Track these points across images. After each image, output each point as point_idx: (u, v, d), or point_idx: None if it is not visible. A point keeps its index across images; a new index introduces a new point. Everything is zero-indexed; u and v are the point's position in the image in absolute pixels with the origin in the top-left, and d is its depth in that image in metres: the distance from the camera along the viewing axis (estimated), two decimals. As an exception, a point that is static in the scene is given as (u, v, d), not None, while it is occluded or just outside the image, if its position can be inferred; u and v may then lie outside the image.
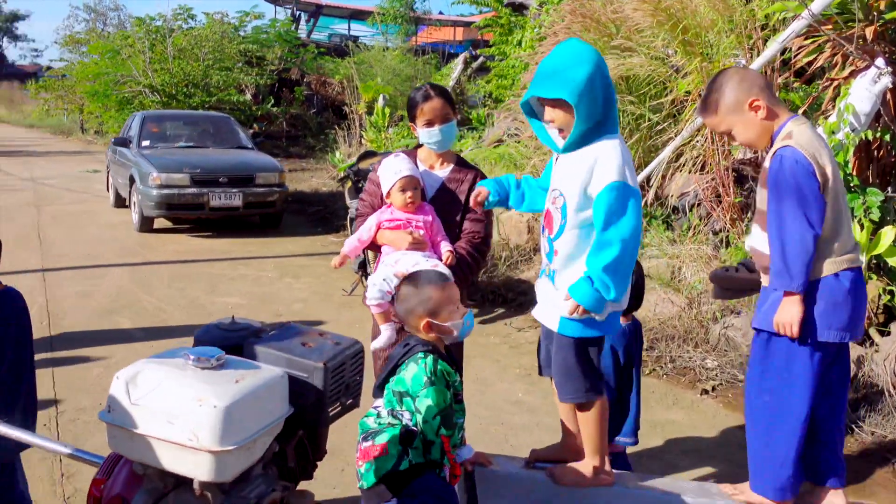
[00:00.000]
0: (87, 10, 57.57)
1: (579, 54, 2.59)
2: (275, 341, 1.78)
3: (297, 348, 1.76)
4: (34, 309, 6.20)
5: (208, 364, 1.58)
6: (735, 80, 2.64)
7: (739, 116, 2.64)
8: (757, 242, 2.75)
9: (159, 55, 19.67)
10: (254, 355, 1.75)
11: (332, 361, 1.74)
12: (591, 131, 2.59)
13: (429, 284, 2.39)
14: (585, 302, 2.52)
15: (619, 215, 2.53)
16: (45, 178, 15.52)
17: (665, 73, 6.11)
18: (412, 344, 2.35)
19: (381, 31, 28.07)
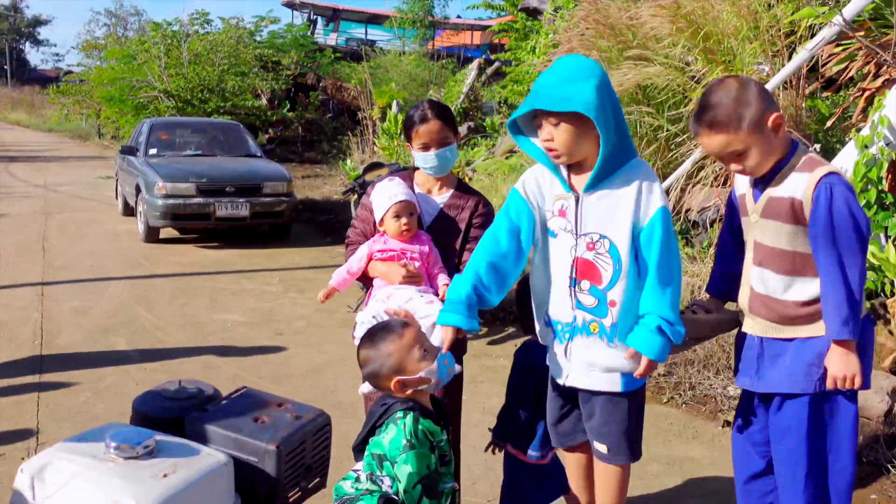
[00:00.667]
0: (108, 14, 58.11)
1: (581, 67, 2.32)
2: (222, 416, 1.52)
3: (248, 425, 1.50)
4: (27, 326, 6.03)
5: (132, 453, 1.32)
6: (755, 91, 2.32)
7: (760, 135, 2.30)
8: (772, 288, 2.41)
9: (175, 60, 19.57)
10: (196, 434, 1.49)
11: (287, 442, 1.47)
12: (616, 156, 2.31)
13: (383, 340, 2.10)
14: (661, 354, 2.28)
15: (672, 244, 2.32)
16: (57, 184, 15.43)
17: (684, 83, 5.80)
18: (389, 402, 2.09)
19: (397, 36, 27.88)
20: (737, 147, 2.32)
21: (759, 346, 2.46)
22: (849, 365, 2.27)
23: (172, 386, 1.63)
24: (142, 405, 1.57)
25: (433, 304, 2.74)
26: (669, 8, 5.40)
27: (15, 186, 15.08)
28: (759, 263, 2.41)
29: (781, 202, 2.33)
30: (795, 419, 2.40)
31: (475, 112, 12.90)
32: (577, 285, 2.40)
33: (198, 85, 19.42)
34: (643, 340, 2.29)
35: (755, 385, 2.46)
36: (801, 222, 2.31)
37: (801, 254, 2.33)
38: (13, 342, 5.67)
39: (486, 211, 2.98)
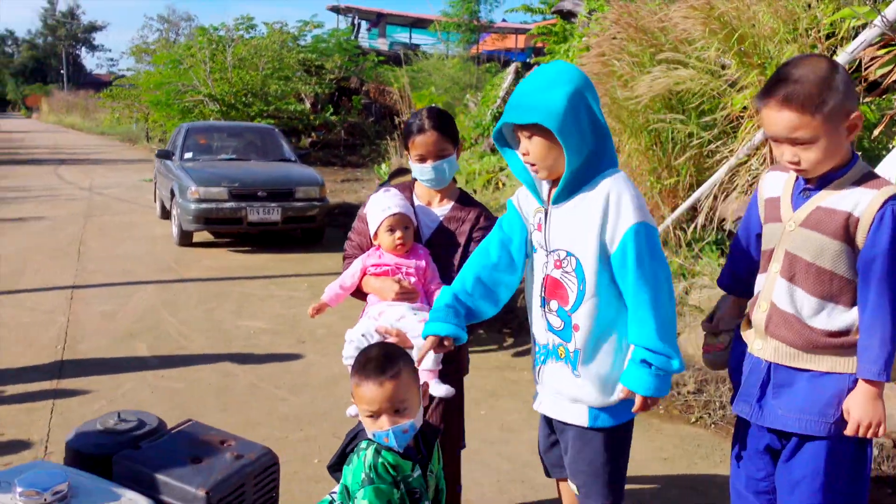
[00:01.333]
0: (161, 20, 59.39)
1: (558, 74, 2.14)
2: (155, 455, 1.40)
3: (181, 467, 1.38)
4: (52, 330, 6.05)
5: (40, 500, 1.21)
6: (844, 80, 2.01)
7: (834, 131, 2.00)
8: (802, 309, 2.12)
9: (220, 65, 19.81)
10: (124, 474, 1.38)
11: (220, 487, 1.35)
12: (587, 168, 2.13)
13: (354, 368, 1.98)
14: (652, 390, 2.08)
15: (653, 263, 2.08)
16: (102, 187, 15.70)
17: (718, 87, 5.56)
18: (358, 429, 1.96)
19: (441, 40, 27.85)
20: (804, 134, 2.00)
21: (765, 372, 2.20)
22: (875, 410, 2.03)
23: (112, 418, 1.52)
24: (74, 441, 1.46)
25: (426, 322, 2.60)
26: (702, 9, 5.17)
27: (61, 189, 15.38)
28: (791, 279, 2.13)
29: (833, 215, 2.05)
30: (810, 468, 2.15)
31: (513, 116, 12.70)
32: (545, 305, 2.27)
33: (242, 89, 19.62)
34: (630, 375, 2.11)
35: (756, 416, 2.22)
36: (852, 242, 2.03)
37: (841, 277, 2.07)
38: (35, 346, 5.69)
39: (487, 224, 2.83)
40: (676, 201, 6.34)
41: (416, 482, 1.92)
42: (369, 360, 1.95)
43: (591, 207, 2.13)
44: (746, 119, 5.56)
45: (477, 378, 5.42)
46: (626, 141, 6.43)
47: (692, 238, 6.13)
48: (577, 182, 2.14)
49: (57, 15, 74.77)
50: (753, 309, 2.25)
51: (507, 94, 12.86)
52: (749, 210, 2.39)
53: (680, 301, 5.89)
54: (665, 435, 4.56)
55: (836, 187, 2.07)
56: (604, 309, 2.16)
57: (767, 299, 2.19)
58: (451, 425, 2.91)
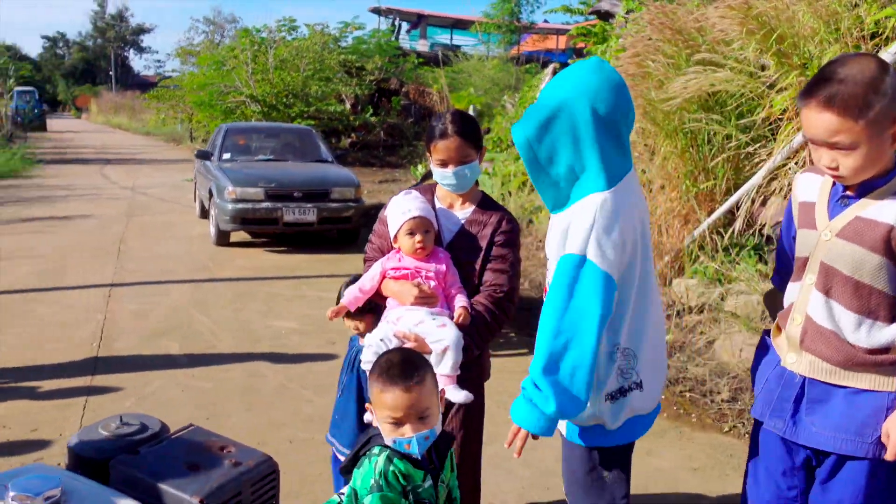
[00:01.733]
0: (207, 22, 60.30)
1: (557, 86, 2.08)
2: (152, 461, 1.39)
3: (178, 473, 1.36)
4: (89, 328, 6.15)
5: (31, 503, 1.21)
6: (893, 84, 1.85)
7: (877, 137, 1.86)
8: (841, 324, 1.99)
9: (262, 66, 20.03)
10: (121, 479, 1.37)
11: (216, 494, 1.33)
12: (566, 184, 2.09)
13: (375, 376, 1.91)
14: (521, 420, 2.01)
15: (566, 298, 1.99)
16: (144, 186, 15.96)
17: (756, 89, 5.42)
18: (373, 433, 1.93)
19: (481, 41, 27.80)
20: (845, 139, 1.86)
21: (799, 387, 2.08)
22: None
23: (114, 422, 1.51)
24: (76, 444, 1.46)
25: (445, 328, 2.56)
26: (739, 9, 5.04)
27: (106, 188, 15.69)
28: (827, 292, 2.00)
29: (873, 227, 1.92)
30: (849, 491, 2.02)
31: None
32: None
33: (283, 90, 19.81)
34: (514, 404, 2.06)
35: (790, 433, 2.10)
36: (894, 257, 1.91)
37: (880, 292, 1.94)
38: (72, 344, 5.78)
39: (509, 228, 2.78)
40: (713, 205, 6.21)
41: (426, 493, 1.87)
42: (392, 366, 1.90)
43: (559, 226, 2.12)
44: (786, 121, 5.42)
45: (505, 381, 5.36)
46: (662, 143, 6.32)
47: (729, 243, 6.00)
48: (559, 201, 2.12)
49: (107, 17, 76.45)
50: (787, 320, 2.12)
51: (545, 95, 12.77)
52: (786, 213, 2.27)
53: (716, 307, 5.78)
54: (696, 444, 4.46)
55: (878, 197, 1.93)
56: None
57: (802, 312, 2.06)
58: (472, 431, 2.87)
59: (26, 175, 17.56)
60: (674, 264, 6.40)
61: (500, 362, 5.78)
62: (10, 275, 7.81)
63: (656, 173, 6.51)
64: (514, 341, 6.29)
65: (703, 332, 5.63)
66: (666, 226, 6.50)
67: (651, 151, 6.58)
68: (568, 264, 2.00)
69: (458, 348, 2.54)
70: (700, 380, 5.20)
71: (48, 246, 9.32)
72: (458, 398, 2.57)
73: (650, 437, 4.55)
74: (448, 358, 2.54)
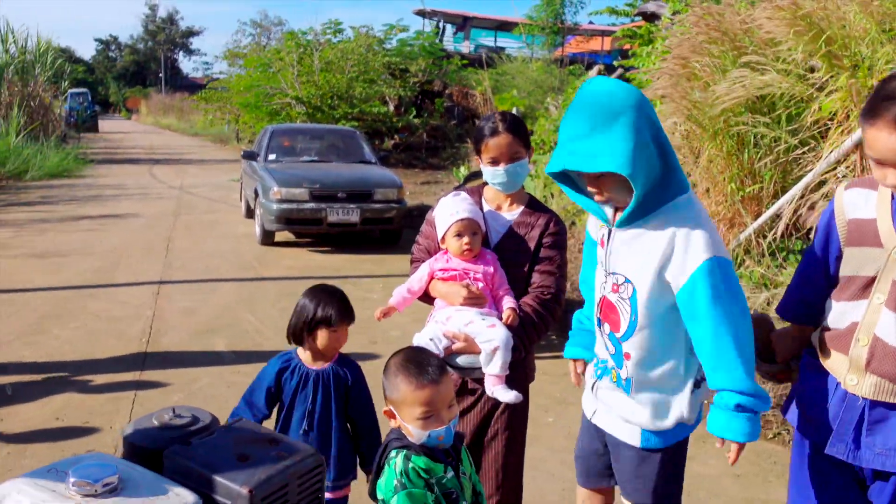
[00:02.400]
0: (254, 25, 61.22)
1: (611, 103, 1.97)
2: (203, 452, 1.44)
3: (227, 463, 1.41)
4: (139, 323, 6.31)
5: (90, 490, 1.26)
6: None
7: None
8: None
9: (307, 68, 20.27)
10: (174, 469, 1.42)
11: (264, 485, 1.37)
12: (654, 193, 2.01)
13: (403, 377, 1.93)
14: (750, 433, 1.99)
15: (730, 303, 1.96)
16: (191, 186, 16.28)
17: (805, 91, 5.34)
18: (387, 441, 1.96)
19: (525, 43, 27.74)
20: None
21: (861, 409, 2.01)
22: None
23: (167, 414, 1.57)
24: (130, 435, 1.52)
25: (495, 328, 2.58)
26: (788, 9, 4.97)
27: (154, 188, 16.04)
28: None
29: None
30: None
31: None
32: (601, 325, 2.25)
33: (328, 92, 20.02)
34: (725, 425, 1.99)
35: (852, 456, 2.04)
36: None
37: None
38: (122, 339, 5.94)
39: (556, 230, 2.78)
40: (759, 209, 6.13)
41: (451, 483, 1.91)
42: (421, 364, 1.95)
43: (657, 239, 2.03)
44: (835, 124, 5.33)
45: (547, 384, 5.37)
46: (707, 146, 6.26)
47: (775, 247, 5.92)
48: (644, 210, 2.04)
49: (157, 21, 78.10)
50: (851, 343, 2.03)
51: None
52: (825, 230, 2.18)
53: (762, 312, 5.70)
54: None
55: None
56: (658, 340, 2.10)
57: (869, 333, 1.97)
58: (516, 432, 2.87)
59: (79, 174, 18.03)
60: (719, 268, 6.33)
61: (541, 364, 5.75)
62: (69, 271, 8.05)
63: (701, 176, 6.45)
64: (556, 344, 6.28)
65: (749, 338, 5.56)
66: (711, 229, 6.43)
67: (696, 154, 6.51)
68: (714, 271, 1.96)
69: (508, 348, 2.56)
70: (744, 385, 5.14)
71: (101, 244, 9.58)
72: (507, 398, 2.59)
73: (693, 442, 4.51)
74: (498, 358, 2.57)
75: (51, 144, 19.44)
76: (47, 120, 22.85)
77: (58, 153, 18.82)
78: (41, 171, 16.83)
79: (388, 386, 1.96)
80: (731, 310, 1.96)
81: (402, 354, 2.02)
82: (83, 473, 1.29)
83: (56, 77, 25.14)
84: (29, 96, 21.66)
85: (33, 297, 7.04)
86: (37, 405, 4.66)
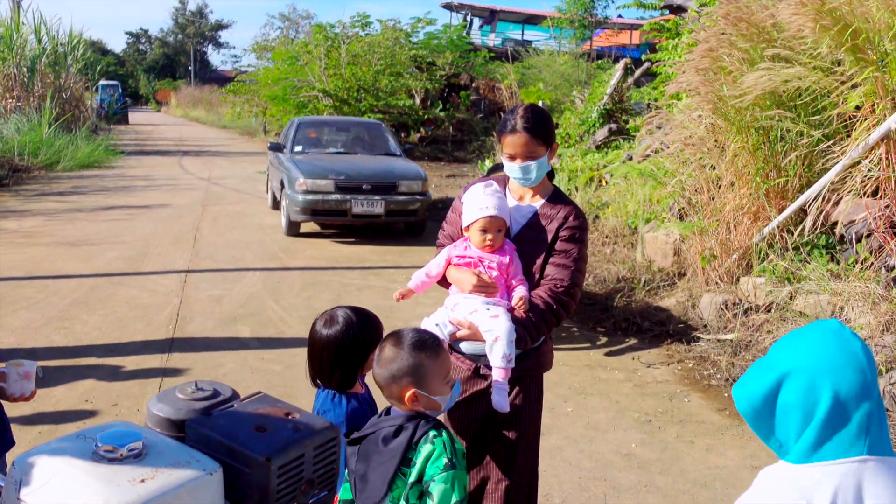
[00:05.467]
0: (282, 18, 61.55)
1: (789, 348, 1.64)
2: (223, 422, 1.50)
3: (246, 434, 1.47)
4: (166, 311, 6.43)
5: (115, 455, 1.32)
6: None
7: None
8: None
9: (334, 61, 20.37)
10: (196, 438, 1.48)
11: (280, 455, 1.43)
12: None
13: (420, 350, 1.99)
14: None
15: None
16: (219, 177, 16.46)
17: (830, 85, 5.30)
18: (406, 424, 1.95)
19: (553, 36, 27.63)
20: None
21: None
22: None
23: (190, 387, 1.63)
24: (154, 405, 1.58)
25: (498, 318, 2.58)
26: (812, 4, 4.93)
27: (183, 179, 16.24)
28: None
29: None
30: None
31: (619, 114, 12.52)
32: None
33: (354, 84, 20.10)
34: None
35: None
36: None
37: None
38: (151, 325, 6.06)
39: (576, 223, 2.77)
40: (784, 203, 6.10)
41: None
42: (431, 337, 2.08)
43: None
44: (861, 118, 5.29)
45: (567, 375, 5.40)
46: (732, 140, 6.23)
47: (800, 241, 5.89)
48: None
49: (187, 14, 78.80)
50: None
51: (615, 91, 12.65)
52: None
53: (784, 306, 5.68)
54: (758, 442, 4.41)
55: None
56: None
57: None
58: (529, 418, 2.88)
59: (109, 165, 18.30)
60: (741, 262, 6.31)
61: (561, 356, 5.80)
62: (100, 259, 8.21)
63: (726, 169, 6.42)
64: (577, 336, 6.31)
65: (770, 331, 5.54)
66: (735, 223, 6.40)
67: (721, 148, 6.49)
68: None
69: (510, 340, 2.55)
70: (765, 379, 5.13)
71: (131, 233, 9.74)
72: (497, 402, 2.57)
73: (711, 433, 4.54)
74: (498, 349, 2.55)
75: (82, 136, 19.72)
76: (78, 111, 23.18)
77: (88, 144, 19.10)
78: (72, 162, 17.10)
79: (409, 367, 1.97)
80: None
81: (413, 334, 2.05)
82: (109, 439, 1.35)
83: (87, 69, 25.47)
84: (61, 88, 21.98)
85: (64, 283, 7.19)
86: (66, 388, 4.79)
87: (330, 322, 2.42)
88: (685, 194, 7.12)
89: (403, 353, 1.99)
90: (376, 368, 2.04)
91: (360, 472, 1.97)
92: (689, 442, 4.41)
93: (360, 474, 1.97)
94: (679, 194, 7.21)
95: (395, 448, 1.91)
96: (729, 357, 5.50)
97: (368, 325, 2.42)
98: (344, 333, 2.37)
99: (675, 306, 6.57)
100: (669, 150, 7.09)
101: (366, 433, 2.01)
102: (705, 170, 6.77)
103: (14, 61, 20.40)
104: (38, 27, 21.96)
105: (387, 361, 2.00)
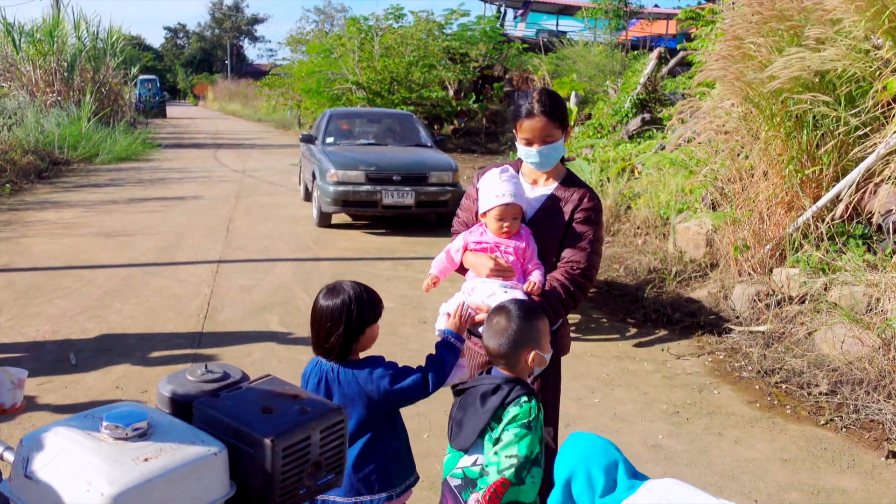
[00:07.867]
0: (317, 11, 61.88)
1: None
2: (231, 404, 1.51)
3: (253, 415, 1.47)
4: (197, 300, 6.51)
5: (121, 433, 1.34)
6: None
7: None
8: None
9: (367, 54, 20.43)
10: (203, 419, 1.49)
11: (285, 436, 1.43)
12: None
13: (532, 315, 2.25)
14: None
15: None
16: (253, 169, 16.62)
17: (867, 69, 5.16)
18: (504, 385, 2.16)
19: (588, 27, 27.36)
20: None
21: None
22: None
23: (200, 369, 1.64)
24: (164, 386, 1.59)
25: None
26: (849, -15, 4.80)
27: (217, 171, 16.43)
28: None
29: None
30: None
31: (653, 103, 12.36)
32: None
33: (387, 77, 20.13)
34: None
35: None
36: None
37: None
38: (182, 315, 6.14)
39: (590, 206, 2.77)
40: (819, 192, 5.97)
41: None
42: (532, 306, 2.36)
43: None
44: (900, 104, 5.15)
45: (594, 366, 5.36)
46: (764, 127, 6.10)
47: (835, 231, 5.76)
48: None
49: (224, 8, 79.62)
50: None
51: (648, 81, 12.50)
52: None
53: (818, 297, 5.56)
54: (789, 435, 4.34)
55: None
56: None
57: None
58: (549, 400, 2.87)
59: (146, 158, 18.58)
60: (775, 252, 6.19)
61: (590, 347, 5.76)
62: (134, 249, 8.34)
63: (759, 158, 6.30)
64: (605, 326, 6.25)
65: (804, 323, 5.43)
66: (768, 213, 6.28)
67: (754, 136, 6.36)
68: None
69: None
70: (797, 371, 5.04)
71: (165, 224, 9.88)
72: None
73: (740, 425, 4.47)
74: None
75: (120, 129, 20.05)
76: (117, 106, 23.55)
77: (126, 138, 19.41)
78: (110, 155, 17.39)
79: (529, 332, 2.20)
80: None
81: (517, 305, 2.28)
82: (115, 418, 1.36)
83: (126, 64, 25.86)
84: (100, 83, 22.35)
85: (99, 273, 7.32)
86: (98, 374, 4.87)
87: (331, 293, 2.42)
88: (717, 184, 7.01)
89: (519, 322, 2.20)
90: (492, 340, 2.23)
91: (458, 418, 2.26)
92: (718, 434, 4.35)
93: (457, 420, 2.26)
94: (711, 184, 7.10)
95: (490, 405, 2.14)
96: (761, 349, 5.40)
97: (367, 299, 2.42)
98: (343, 304, 2.37)
99: (707, 297, 6.47)
100: (700, 139, 6.98)
101: (468, 386, 2.28)
102: (738, 159, 6.65)
103: (55, 57, 20.78)
104: (77, 23, 22.36)
105: (503, 331, 2.20)
